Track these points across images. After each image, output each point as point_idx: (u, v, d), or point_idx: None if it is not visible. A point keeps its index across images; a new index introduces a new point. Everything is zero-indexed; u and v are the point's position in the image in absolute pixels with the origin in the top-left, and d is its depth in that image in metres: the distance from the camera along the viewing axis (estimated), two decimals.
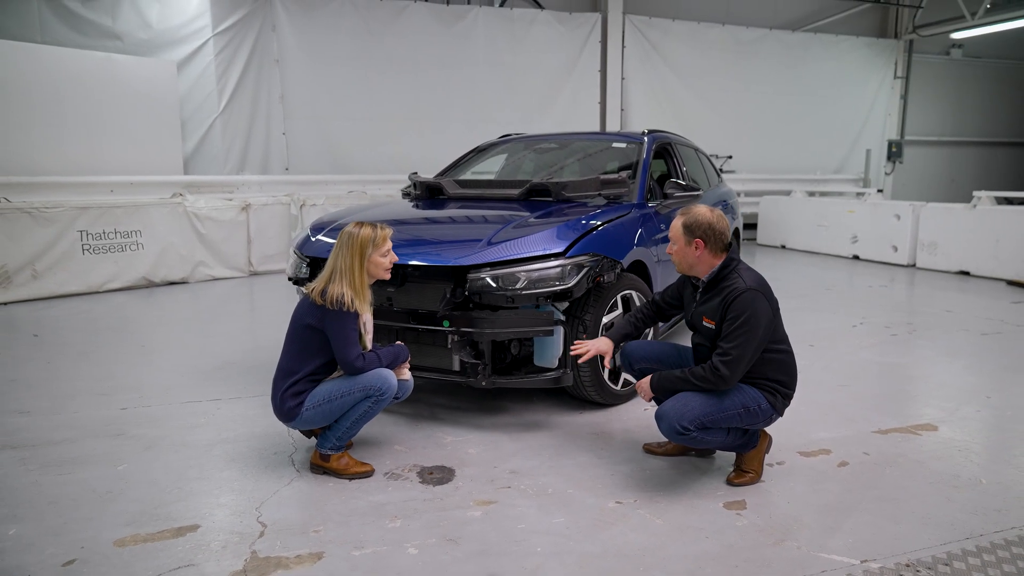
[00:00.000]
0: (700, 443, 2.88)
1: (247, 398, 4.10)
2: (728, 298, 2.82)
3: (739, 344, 2.74)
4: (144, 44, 9.01)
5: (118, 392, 4.21)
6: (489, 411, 3.89)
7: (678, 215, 2.98)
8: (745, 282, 2.83)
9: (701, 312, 2.95)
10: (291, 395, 2.98)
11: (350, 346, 2.93)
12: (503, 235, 3.61)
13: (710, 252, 2.91)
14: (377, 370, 3.01)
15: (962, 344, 5.40)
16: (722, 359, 2.76)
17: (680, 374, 2.85)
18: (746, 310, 2.76)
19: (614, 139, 5.26)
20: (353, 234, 3.00)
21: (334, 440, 3.06)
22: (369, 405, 3.01)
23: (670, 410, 2.82)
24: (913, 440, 3.49)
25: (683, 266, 3.00)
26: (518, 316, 3.43)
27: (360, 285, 2.96)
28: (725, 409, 2.83)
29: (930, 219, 9.48)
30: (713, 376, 2.77)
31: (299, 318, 3.02)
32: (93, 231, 7.59)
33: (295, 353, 3.02)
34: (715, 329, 2.87)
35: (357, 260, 2.97)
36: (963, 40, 14.51)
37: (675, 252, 2.99)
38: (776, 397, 2.92)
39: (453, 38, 10.94)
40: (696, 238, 2.90)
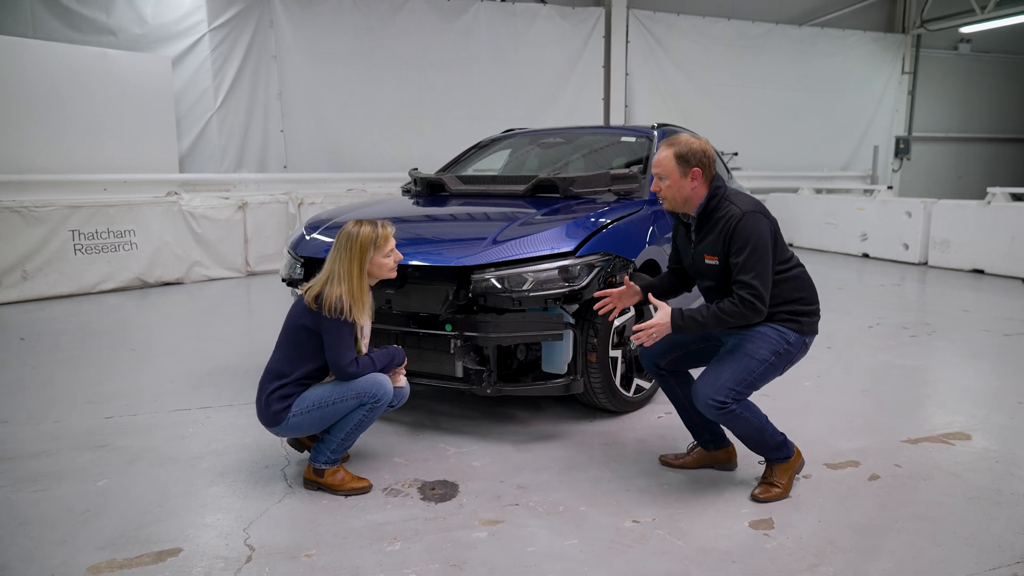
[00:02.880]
0: (741, 425, 2.70)
1: (239, 406, 3.89)
2: (727, 228, 2.63)
3: (758, 272, 2.58)
4: (139, 39, 8.80)
5: (105, 400, 4.00)
6: (495, 419, 3.69)
7: (663, 146, 2.76)
8: (740, 207, 2.66)
9: (701, 251, 2.76)
10: (278, 398, 2.77)
11: (344, 350, 2.74)
12: (508, 233, 3.40)
13: (704, 182, 2.71)
14: (372, 375, 2.80)
15: (984, 346, 5.19)
16: (749, 292, 2.57)
17: (707, 311, 2.61)
18: (751, 235, 2.60)
19: (623, 133, 5.05)
20: (352, 234, 2.79)
21: (328, 453, 2.85)
22: (363, 414, 2.80)
23: (703, 385, 2.67)
24: (946, 451, 3.28)
25: (676, 202, 2.76)
26: (525, 319, 3.21)
27: (360, 291, 2.75)
28: (757, 364, 2.66)
29: (942, 216, 9.26)
30: (746, 309, 2.57)
31: (294, 318, 2.82)
32: (85, 231, 7.39)
33: (287, 355, 2.82)
34: (719, 265, 2.69)
35: (356, 264, 2.75)
36: (971, 35, 14.27)
37: (666, 188, 2.74)
38: (800, 321, 2.73)
39: (454, 34, 10.73)
40: (693, 167, 2.69)
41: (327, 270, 2.78)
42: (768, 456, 2.85)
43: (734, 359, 2.68)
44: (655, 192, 2.82)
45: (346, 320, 2.71)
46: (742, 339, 2.72)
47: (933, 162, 15.05)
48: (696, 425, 3.06)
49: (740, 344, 2.71)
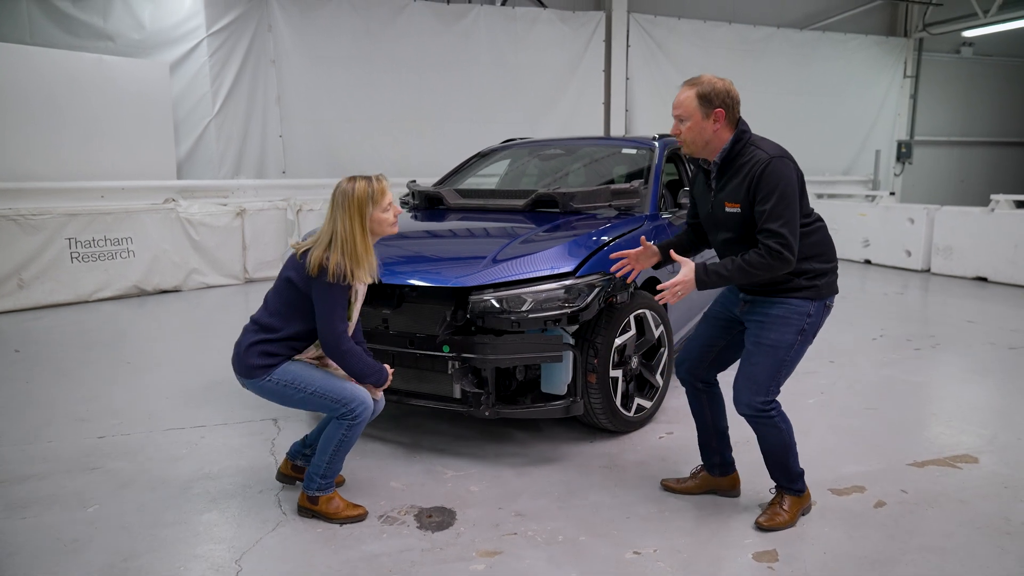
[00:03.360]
0: (772, 437, 2.66)
1: (233, 424, 3.84)
2: (754, 173, 2.49)
3: (786, 220, 2.44)
4: (136, 45, 8.72)
5: (98, 417, 3.94)
6: (493, 439, 3.62)
7: (684, 86, 2.59)
8: (767, 152, 2.52)
9: (721, 200, 2.61)
10: (259, 353, 2.66)
11: (337, 320, 2.60)
12: (508, 252, 3.34)
13: (727, 124, 2.57)
14: (357, 388, 2.71)
15: (990, 360, 5.13)
16: (777, 241, 2.42)
17: (732, 264, 2.47)
18: (778, 181, 2.46)
19: (623, 144, 4.99)
20: (348, 191, 2.63)
21: (318, 480, 2.78)
22: (343, 432, 2.70)
23: (741, 390, 2.62)
24: (953, 475, 3.22)
25: (696, 145, 2.61)
26: (524, 341, 3.16)
27: (364, 251, 2.61)
28: (785, 351, 2.58)
29: (945, 223, 9.20)
30: (772, 259, 2.43)
31: (286, 274, 2.69)
32: (82, 238, 7.33)
33: (277, 311, 2.69)
34: (740, 214, 2.54)
35: (358, 223, 2.60)
36: (973, 39, 14.21)
37: (688, 130, 2.58)
38: (818, 285, 2.59)
39: (454, 38, 10.66)
40: (716, 108, 2.53)
41: (326, 232, 2.62)
42: (782, 483, 2.79)
43: (762, 354, 2.60)
44: (675, 135, 2.65)
45: (342, 285, 2.58)
46: (762, 327, 2.62)
47: (935, 166, 14.99)
48: (710, 448, 2.99)
49: (762, 334, 2.61)
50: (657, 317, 3.69)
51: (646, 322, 3.64)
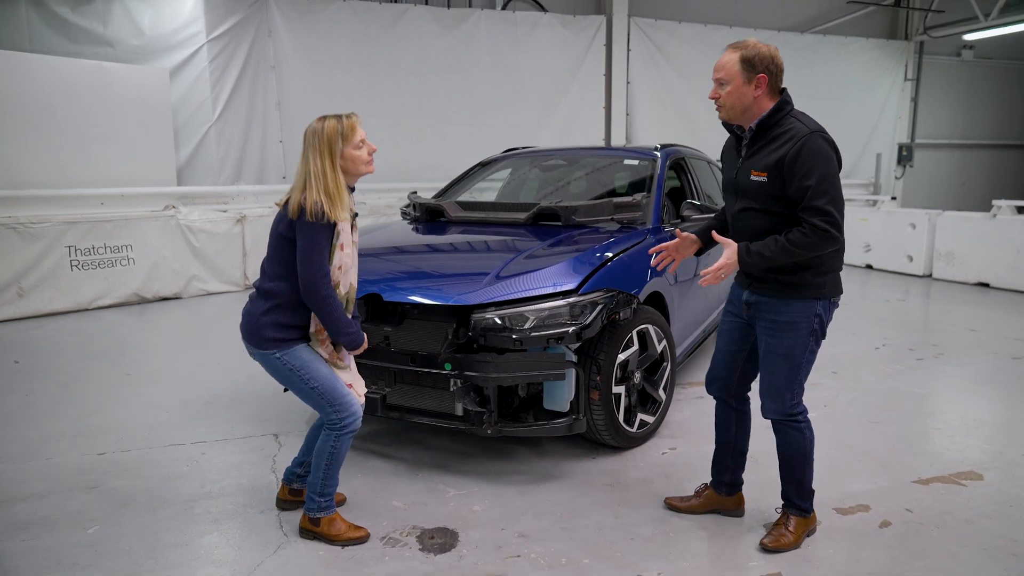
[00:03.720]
0: (796, 444, 2.67)
1: (235, 440, 3.82)
2: (791, 147, 2.39)
3: (832, 197, 2.35)
4: (136, 51, 8.71)
5: (98, 433, 3.92)
6: (495, 456, 3.60)
7: (728, 49, 2.50)
8: (807, 125, 2.44)
9: (749, 167, 2.53)
10: (274, 325, 2.59)
11: (316, 259, 2.52)
12: (510, 269, 3.32)
13: (769, 92, 2.48)
14: (353, 399, 2.68)
15: (993, 370, 5.11)
16: (823, 219, 2.34)
17: (775, 244, 2.40)
18: (820, 156, 2.37)
19: (625, 155, 4.96)
20: (317, 129, 2.61)
21: (317, 499, 2.75)
22: (332, 444, 2.68)
23: (768, 399, 2.63)
24: (958, 492, 3.20)
25: (735, 111, 2.51)
26: (527, 359, 3.13)
27: (336, 188, 2.56)
28: (800, 354, 2.56)
29: (947, 228, 9.19)
30: (818, 239, 2.35)
31: (276, 229, 2.63)
32: (82, 246, 7.32)
33: (277, 274, 2.62)
34: (766, 183, 2.46)
35: (328, 159, 2.57)
36: (974, 42, 14.19)
37: (728, 94, 2.49)
38: (823, 283, 2.52)
39: (455, 42, 10.64)
40: (759, 73, 2.44)
41: (300, 175, 2.59)
42: (793, 498, 2.77)
43: (778, 362, 2.59)
44: (713, 98, 2.55)
45: (324, 224, 2.51)
46: (773, 335, 2.59)
47: (936, 169, 14.96)
48: (723, 465, 2.97)
49: (773, 342, 2.59)
50: (660, 332, 3.67)
51: (649, 337, 3.62)
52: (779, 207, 2.48)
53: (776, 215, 2.49)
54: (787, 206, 2.47)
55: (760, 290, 2.61)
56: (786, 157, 2.40)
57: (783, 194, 2.45)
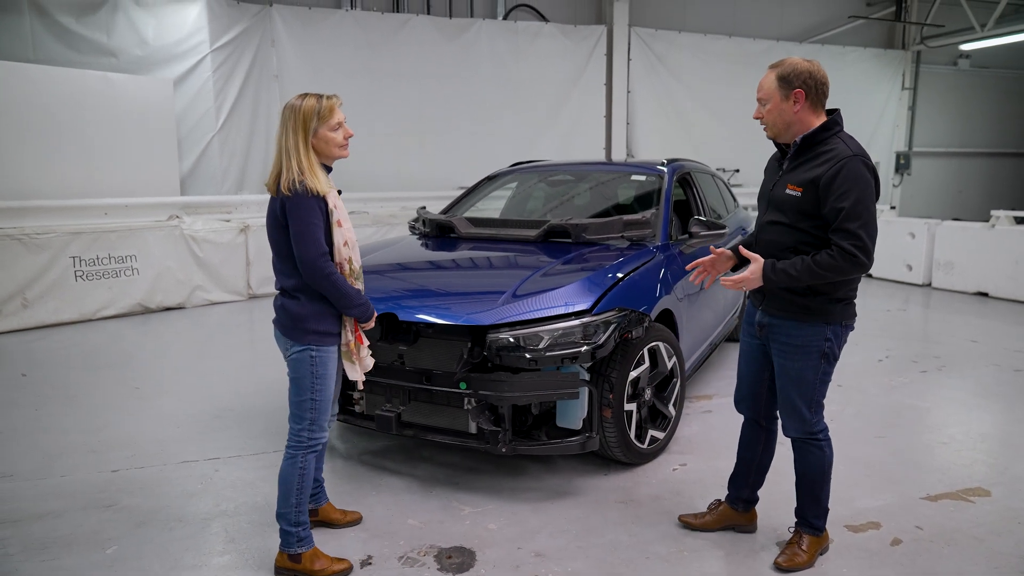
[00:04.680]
0: (816, 462, 2.70)
1: (247, 456, 3.84)
2: (831, 167, 2.42)
3: (864, 221, 2.36)
4: (140, 61, 8.73)
5: (110, 448, 3.94)
6: (507, 472, 3.63)
7: (768, 69, 2.57)
8: (851, 148, 2.46)
9: (786, 180, 2.57)
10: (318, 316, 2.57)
11: (312, 236, 2.47)
12: (525, 289, 3.36)
13: (810, 107, 2.52)
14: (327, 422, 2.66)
15: (995, 383, 5.16)
16: (853, 243, 2.35)
17: (801, 264, 2.43)
18: (858, 180, 2.39)
19: (633, 170, 5.01)
20: (295, 107, 2.54)
21: (294, 530, 2.65)
22: (300, 467, 2.62)
23: (788, 420, 2.68)
24: (967, 509, 3.24)
25: (778, 127, 2.57)
26: (541, 378, 3.17)
27: (309, 165, 2.50)
28: (812, 375, 2.60)
29: (946, 238, 9.25)
30: (845, 262, 2.37)
31: (272, 219, 2.57)
32: (86, 257, 7.33)
33: (293, 269, 2.56)
34: (799, 198, 2.49)
35: (301, 136, 2.51)
36: (971, 51, 14.29)
37: (768, 112, 2.55)
38: (833, 311, 2.55)
39: (457, 51, 10.69)
40: (795, 89, 2.49)
41: (277, 153, 2.56)
42: (808, 517, 2.79)
43: (792, 384, 2.63)
44: (756, 118, 2.62)
45: (311, 198, 2.47)
46: (785, 357, 2.63)
47: (933, 177, 15.06)
48: (743, 481, 3.00)
49: (787, 364, 2.64)
50: (670, 349, 3.71)
51: (659, 355, 3.65)
52: (807, 224, 2.51)
53: (803, 232, 2.52)
54: (815, 225, 2.49)
55: (772, 311, 2.65)
56: (824, 176, 2.43)
57: (814, 212, 2.47)
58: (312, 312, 2.58)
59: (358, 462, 3.75)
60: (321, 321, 2.60)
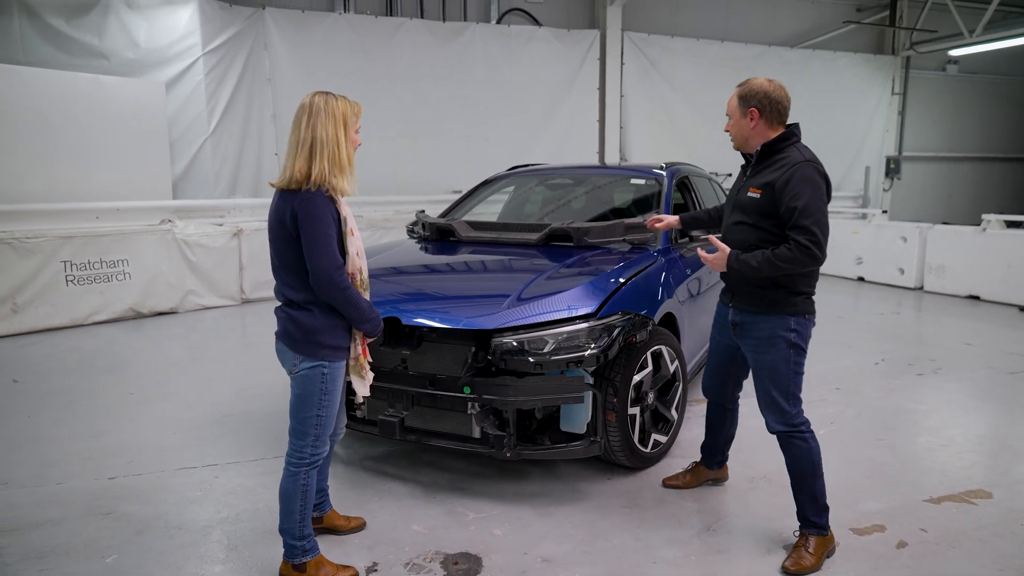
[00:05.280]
0: (803, 456, 2.81)
1: (246, 462, 3.80)
2: (786, 171, 2.68)
3: (816, 220, 2.60)
4: (131, 64, 8.66)
5: (106, 455, 3.89)
6: (510, 477, 3.61)
7: (736, 88, 2.87)
8: (803, 155, 2.72)
9: (748, 184, 2.84)
10: (332, 329, 2.48)
11: (330, 255, 2.36)
12: (529, 292, 3.34)
13: (765, 123, 2.80)
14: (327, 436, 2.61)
15: (991, 385, 5.19)
16: (808, 237, 2.59)
17: (761, 256, 2.67)
18: (810, 181, 2.64)
19: (632, 174, 5.01)
20: (328, 102, 2.43)
21: (299, 543, 2.60)
22: (303, 480, 2.55)
23: (768, 414, 2.85)
24: (970, 512, 3.25)
25: (739, 139, 2.90)
26: (547, 382, 3.15)
27: (348, 163, 2.44)
28: (784, 366, 2.77)
29: (938, 242, 9.32)
30: (802, 255, 2.60)
31: (279, 227, 2.44)
32: (77, 261, 7.25)
33: (292, 284, 2.48)
34: (760, 199, 2.75)
35: (343, 131, 2.43)
36: (959, 57, 14.43)
37: (731, 126, 2.90)
38: (795, 303, 2.77)
39: (450, 55, 10.69)
40: (751, 107, 2.80)
41: (305, 141, 2.39)
42: (809, 516, 2.83)
43: (767, 377, 2.82)
44: (727, 131, 2.92)
45: (328, 201, 2.39)
46: (757, 352, 2.84)
47: (923, 182, 15.18)
48: (715, 449, 3.41)
49: (759, 359, 2.84)
50: (672, 352, 3.70)
51: (662, 358, 3.64)
52: (767, 223, 2.76)
53: (764, 231, 2.77)
54: (774, 224, 2.73)
55: (742, 307, 2.90)
56: (779, 180, 2.68)
57: (772, 212, 2.72)
58: (326, 326, 2.50)
59: (360, 468, 3.72)
60: (335, 335, 2.53)
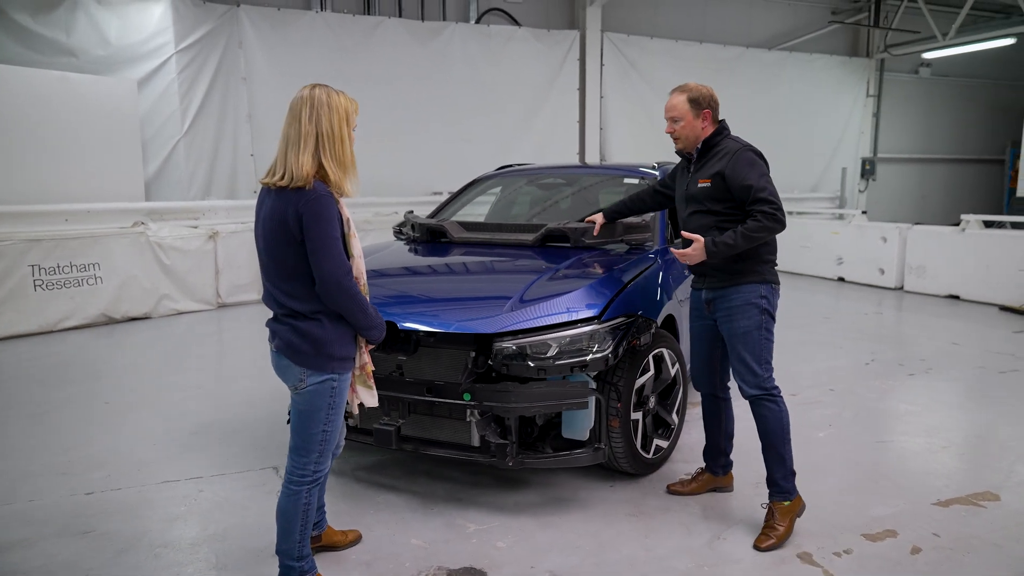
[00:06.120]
0: (774, 420, 2.92)
1: (231, 474, 3.62)
2: (730, 158, 2.89)
3: (770, 190, 2.82)
4: (102, 61, 8.38)
5: (81, 469, 3.68)
6: (509, 486, 3.48)
7: (675, 92, 3.04)
8: (740, 143, 2.96)
9: (696, 177, 3.02)
10: (344, 338, 2.33)
11: (339, 258, 2.21)
12: (530, 295, 3.22)
13: (713, 122, 3.02)
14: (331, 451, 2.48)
15: (984, 385, 5.19)
16: (769, 207, 2.80)
17: (736, 234, 2.82)
18: (754, 162, 2.88)
19: (624, 173, 4.91)
20: (330, 96, 2.29)
21: (297, 564, 2.47)
22: (305, 500, 2.42)
23: (742, 381, 2.95)
24: (980, 515, 3.19)
25: (689, 140, 3.04)
26: (550, 388, 3.03)
27: (352, 162, 2.31)
28: (756, 332, 2.91)
29: (918, 242, 9.39)
30: (768, 222, 2.80)
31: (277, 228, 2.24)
32: (46, 265, 6.98)
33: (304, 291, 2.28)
34: (709, 187, 2.94)
35: (347, 127, 2.30)
36: (931, 60, 14.64)
37: (680, 128, 3.02)
38: (762, 271, 2.95)
39: (429, 55, 10.54)
40: (704, 109, 2.99)
41: (309, 135, 2.24)
42: (778, 480, 2.95)
43: (740, 342, 2.95)
44: (669, 133, 3.06)
45: (334, 203, 2.24)
46: (731, 320, 2.97)
47: (898, 183, 15.37)
48: (718, 450, 3.34)
49: (732, 326, 2.96)
50: (673, 355, 3.60)
51: (664, 361, 3.55)
52: (719, 207, 2.96)
53: (717, 214, 2.96)
54: (727, 207, 2.94)
55: (714, 285, 3.02)
56: (726, 168, 2.90)
57: (724, 197, 2.93)
58: (336, 336, 2.34)
59: (352, 478, 3.57)
60: (344, 345, 2.38)
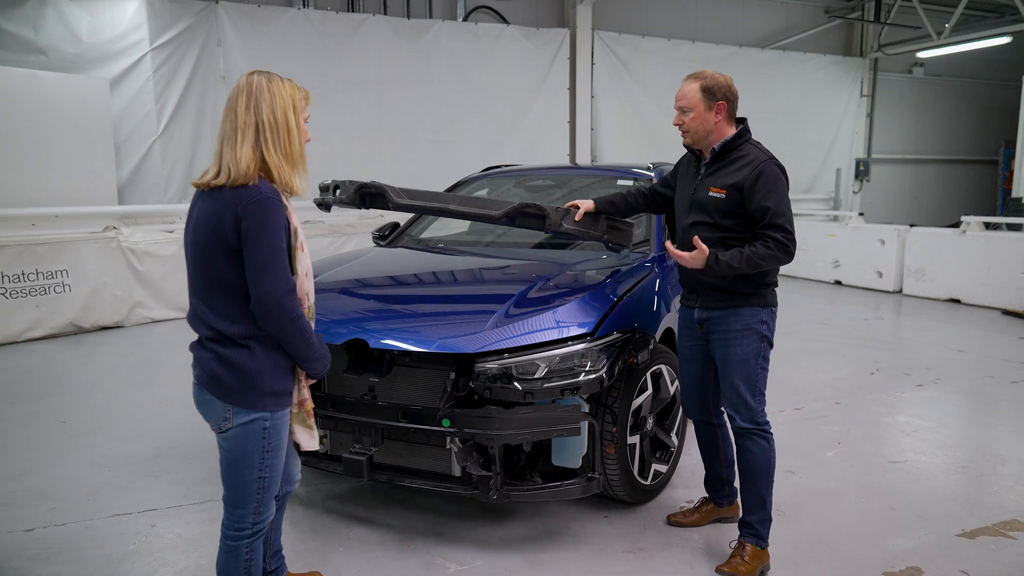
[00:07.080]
0: (762, 458, 2.69)
1: (189, 506, 3.30)
2: (752, 170, 2.59)
3: (788, 218, 2.57)
4: (72, 59, 8.03)
5: (26, 501, 3.36)
6: (494, 518, 3.18)
7: (688, 79, 2.72)
8: (765, 154, 2.66)
9: (708, 184, 2.71)
10: (275, 373, 1.99)
11: (282, 276, 1.90)
12: (516, 308, 2.92)
13: (727, 118, 2.70)
14: (273, 498, 2.13)
15: (996, 397, 4.93)
16: (783, 235, 2.54)
17: (740, 256, 2.54)
18: (777, 181, 2.60)
19: (618, 174, 4.63)
20: (271, 83, 1.97)
21: None
22: (246, 556, 2.10)
23: (733, 411, 2.71)
24: (1009, 547, 2.92)
25: (698, 135, 2.72)
26: (538, 413, 2.73)
27: (300, 156, 1.99)
28: (753, 360, 2.67)
29: (916, 244, 9.15)
30: (779, 251, 2.54)
31: (213, 229, 1.90)
32: (10, 272, 6.64)
33: (236, 311, 1.94)
34: (725, 199, 2.63)
35: (292, 115, 1.98)
36: (925, 59, 14.47)
37: (690, 120, 2.70)
38: (764, 294, 2.70)
39: (416, 54, 10.23)
40: (718, 101, 2.66)
41: (248, 126, 1.92)
42: (754, 523, 2.73)
43: (736, 370, 2.69)
44: (677, 125, 2.76)
45: (280, 208, 1.91)
46: (727, 345, 2.71)
47: (891, 184, 15.18)
48: (720, 480, 3.08)
49: (728, 352, 2.71)
50: (673, 372, 3.32)
51: (662, 378, 3.26)
52: (731, 222, 2.65)
53: (726, 229, 2.66)
54: (738, 223, 2.64)
55: (710, 305, 2.74)
56: (746, 180, 2.59)
57: (738, 211, 2.63)
58: (269, 367, 1.97)
59: (322, 509, 3.26)
60: (279, 378, 2.01)
